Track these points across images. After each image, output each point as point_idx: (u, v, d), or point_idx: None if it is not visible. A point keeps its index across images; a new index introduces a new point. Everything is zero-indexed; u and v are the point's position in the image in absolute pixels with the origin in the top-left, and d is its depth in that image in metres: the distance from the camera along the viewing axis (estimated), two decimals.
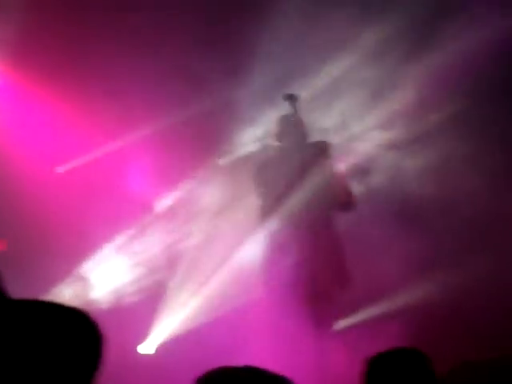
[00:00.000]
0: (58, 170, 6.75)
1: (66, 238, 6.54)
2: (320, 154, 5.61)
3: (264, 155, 5.97)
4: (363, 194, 6.14)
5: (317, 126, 6.02)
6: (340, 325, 5.72)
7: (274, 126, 5.76)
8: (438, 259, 6.35)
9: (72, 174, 6.75)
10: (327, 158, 5.64)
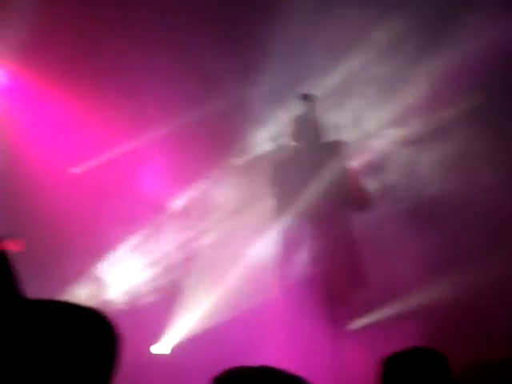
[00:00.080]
0: (74, 170, 6.76)
1: (81, 238, 6.55)
2: (335, 153, 5.59)
3: (279, 155, 5.97)
4: (378, 192, 6.11)
5: (330, 124, 6.00)
6: (355, 325, 5.71)
7: (289, 125, 5.75)
8: (453, 258, 6.32)
9: (86, 174, 6.76)
10: (343, 157, 5.63)
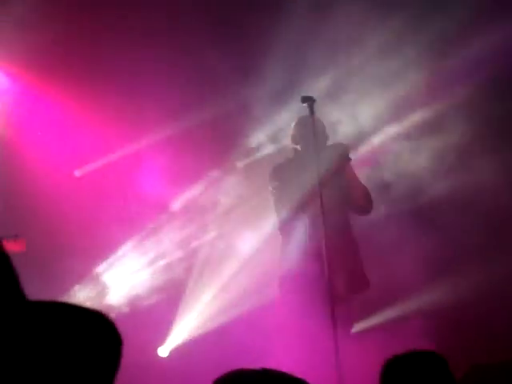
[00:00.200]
0: (76, 173, 6.75)
1: (81, 239, 6.55)
2: (338, 156, 5.59)
3: (281, 157, 5.96)
4: (378, 191, 6.11)
5: (330, 123, 6.00)
6: (358, 326, 5.71)
7: (292, 127, 5.75)
8: (454, 259, 6.32)
9: (87, 175, 6.76)
10: (345, 160, 5.63)
